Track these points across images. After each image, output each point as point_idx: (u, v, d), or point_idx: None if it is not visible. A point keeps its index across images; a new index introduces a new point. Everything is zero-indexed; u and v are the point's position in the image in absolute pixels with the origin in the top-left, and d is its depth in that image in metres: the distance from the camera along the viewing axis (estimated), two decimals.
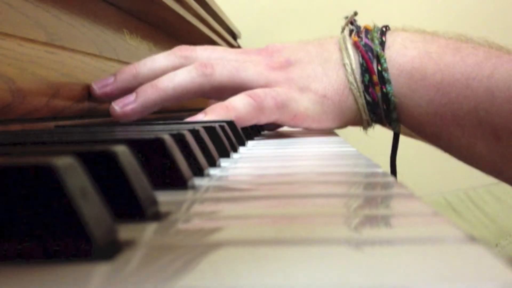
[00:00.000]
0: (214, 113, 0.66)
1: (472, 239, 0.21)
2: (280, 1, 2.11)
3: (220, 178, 0.40)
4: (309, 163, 0.50)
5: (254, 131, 0.78)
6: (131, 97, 0.68)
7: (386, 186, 0.35)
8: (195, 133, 0.44)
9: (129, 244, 0.22)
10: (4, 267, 0.19)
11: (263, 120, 0.70)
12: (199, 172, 0.39)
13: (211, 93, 0.72)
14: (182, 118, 0.69)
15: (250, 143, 0.67)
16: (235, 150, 0.56)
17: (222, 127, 0.54)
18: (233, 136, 0.58)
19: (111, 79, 0.71)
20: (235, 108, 0.67)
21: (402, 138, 0.86)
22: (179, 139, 0.39)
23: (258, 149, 0.62)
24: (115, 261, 0.20)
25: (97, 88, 0.69)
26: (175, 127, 0.49)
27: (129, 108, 0.68)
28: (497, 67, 0.67)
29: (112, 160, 0.26)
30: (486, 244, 0.20)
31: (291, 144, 0.68)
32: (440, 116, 0.71)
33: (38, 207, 0.20)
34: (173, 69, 0.71)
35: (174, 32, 1.25)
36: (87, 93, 0.69)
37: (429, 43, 0.72)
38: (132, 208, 0.25)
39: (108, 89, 0.70)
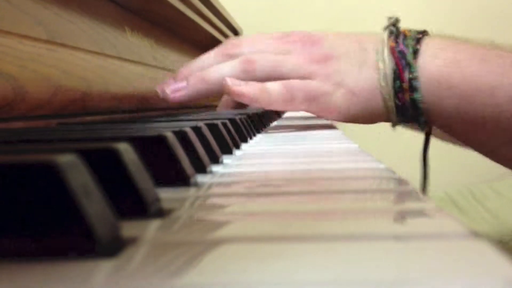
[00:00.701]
0: (250, 88, 0.73)
1: (476, 234, 0.21)
2: None
3: (222, 175, 0.40)
4: (311, 159, 0.50)
5: (257, 127, 0.79)
6: (182, 84, 0.77)
7: (388, 181, 0.35)
8: (197, 130, 0.44)
9: (132, 241, 0.22)
10: (7, 264, 0.19)
11: (290, 108, 0.77)
12: (201, 169, 0.39)
13: None
14: (189, 114, 0.70)
15: (253, 140, 0.67)
16: (238, 147, 0.56)
17: (224, 124, 0.54)
18: (236, 133, 0.58)
19: (183, 84, 0.78)
20: (269, 93, 0.74)
21: (404, 136, 0.87)
22: (181, 136, 0.39)
23: (261, 145, 0.62)
24: (118, 258, 0.20)
25: (169, 92, 0.78)
26: (178, 124, 0.49)
27: (180, 94, 0.77)
28: None
29: (114, 157, 0.26)
30: (487, 240, 0.20)
31: (294, 140, 0.68)
32: (466, 121, 0.73)
33: (41, 204, 0.20)
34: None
35: (175, 29, 1.25)
36: (88, 90, 0.69)
37: (458, 52, 0.74)
38: (134, 205, 0.25)
39: (181, 94, 0.78)
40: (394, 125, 0.79)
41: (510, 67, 0.70)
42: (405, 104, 0.74)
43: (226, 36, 1.64)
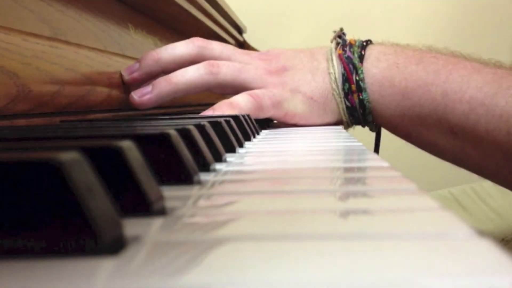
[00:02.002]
0: (221, 109, 0.76)
1: (480, 234, 0.21)
2: None
3: (226, 173, 0.40)
4: (314, 158, 0.50)
5: (261, 125, 0.79)
6: (148, 88, 0.79)
7: (392, 181, 0.35)
8: (200, 128, 0.44)
9: (134, 239, 0.21)
10: (10, 262, 0.19)
11: (261, 116, 0.80)
12: (205, 167, 0.39)
13: (216, 89, 0.82)
14: (188, 114, 0.70)
15: (257, 138, 0.67)
16: (241, 145, 0.56)
17: (227, 122, 0.53)
18: (239, 131, 0.58)
19: (137, 65, 0.80)
20: (239, 105, 0.77)
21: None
22: (185, 134, 0.39)
23: (265, 144, 0.61)
24: (121, 257, 0.20)
25: (126, 74, 0.79)
26: (181, 122, 0.49)
27: (146, 97, 0.78)
28: (452, 73, 0.78)
29: (118, 155, 0.26)
30: (492, 239, 0.20)
31: (298, 139, 0.68)
32: (407, 117, 0.82)
33: (44, 202, 0.20)
34: (190, 57, 0.82)
35: (179, 27, 1.25)
36: (92, 88, 0.69)
37: (398, 55, 0.83)
38: (138, 203, 0.25)
39: (135, 75, 0.80)
40: (346, 127, 0.87)
41: (443, 66, 0.79)
42: (354, 104, 0.84)
43: (230, 34, 1.64)
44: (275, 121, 0.94)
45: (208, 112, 0.75)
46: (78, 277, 0.18)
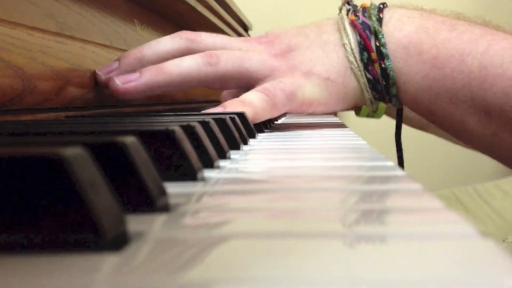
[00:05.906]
0: (232, 107, 0.67)
1: (483, 234, 0.21)
2: None
3: (230, 170, 0.40)
4: (319, 156, 0.50)
5: (264, 123, 0.78)
6: (135, 75, 0.68)
7: (396, 180, 0.35)
8: (205, 125, 0.44)
9: (137, 236, 0.21)
10: (12, 257, 0.19)
11: (276, 113, 0.71)
12: (209, 164, 0.39)
13: (216, 83, 0.73)
14: (193, 110, 0.70)
15: (260, 136, 0.67)
16: (245, 143, 0.56)
17: (232, 119, 0.53)
18: (244, 128, 0.58)
19: (116, 64, 0.70)
20: (252, 103, 0.68)
21: (411, 134, 0.86)
22: (189, 130, 0.39)
23: (269, 141, 0.61)
24: (124, 253, 0.20)
25: (102, 74, 0.69)
26: (185, 119, 0.49)
27: (131, 85, 0.67)
28: (492, 44, 0.68)
29: (121, 151, 0.26)
30: (494, 239, 0.20)
31: (301, 137, 0.68)
32: (435, 91, 0.72)
33: (47, 198, 0.20)
34: (179, 52, 0.72)
35: (185, 23, 1.25)
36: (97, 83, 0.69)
37: (426, 19, 0.73)
38: (141, 199, 0.25)
39: (113, 74, 0.69)
40: (369, 106, 0.76)
41: (480, 36, 0.69)
42: (376, 76, 0.73)
43: (236, 31, 1.64)
44: (279, 121, 0.91)
45: (218, 109, 0.67)
46: (80, 273, 0.18)
